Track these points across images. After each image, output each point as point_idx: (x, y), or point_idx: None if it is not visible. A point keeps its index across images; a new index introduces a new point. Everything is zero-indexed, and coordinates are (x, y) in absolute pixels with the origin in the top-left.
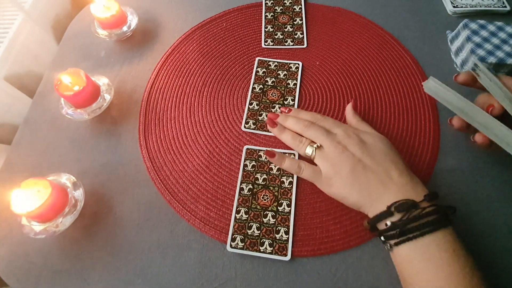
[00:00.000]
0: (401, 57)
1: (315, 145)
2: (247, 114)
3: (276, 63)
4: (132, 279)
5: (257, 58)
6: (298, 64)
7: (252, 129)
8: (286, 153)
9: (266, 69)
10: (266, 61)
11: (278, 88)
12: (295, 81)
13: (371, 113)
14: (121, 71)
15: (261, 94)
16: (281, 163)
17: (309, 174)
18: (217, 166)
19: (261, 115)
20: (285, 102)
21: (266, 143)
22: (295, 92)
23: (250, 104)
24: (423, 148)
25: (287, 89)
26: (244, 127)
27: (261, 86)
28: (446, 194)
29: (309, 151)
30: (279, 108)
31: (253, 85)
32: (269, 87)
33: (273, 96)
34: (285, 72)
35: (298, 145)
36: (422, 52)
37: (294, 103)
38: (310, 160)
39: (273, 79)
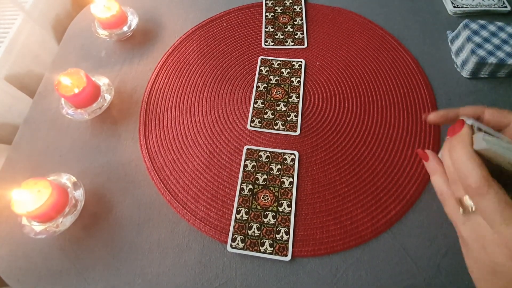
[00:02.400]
0: (401, 57)
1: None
2: (252, 113)
3: (279, 62)
4: (132, 279)
5: (260, 57)
6: (301, 62)
7: (258, 127)
8: (286, 153)
9: (269, 67)
10: (269, 59)
11: (282, 86)
12: (298, 79)
13: (371, 113)
14: (122, 71)
15: (266, 93)
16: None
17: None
18: (218, 166)
19: (266, 113)
20: (290, 100)
21: (266, 143)
22: (299, 90)
23: (255, 102)
24: (423, 148)
25: (291, 87)
26: (250, 125)
27: (265, 84)
28: None
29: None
30: (284, 106)
31: (257, 84)
32: (273, 85)
33: (277, 94)
34: (288, 70)
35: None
36: (422, 52)
37: (299, 100)
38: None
39: (277, 77)
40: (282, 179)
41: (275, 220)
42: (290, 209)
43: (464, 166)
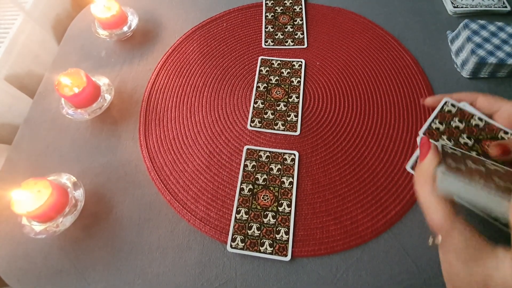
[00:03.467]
0: (401, 57)
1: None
2: (252, 113)
3: (279, 62)
4: (132, 279)
5: (260, 57)
6: (301, 62)
7: (258, 127)
8: (286, 153)
9: (269, 67)
10: (269, 60)
11: (282, 86)
12: (298, 79)
13: (371, 113)
14: (122, 71)
15: (266, 93)
16: None
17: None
18: (218, 166)
19: (266, 113)
20: (290, 100)
21: (266, 143)
22: (299, 90)
23: (255, 102)
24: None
25: (291, 87)
26: (250, 125)
27: (265, 84)
28: None
29: None
30: (284, 106)
31: (257, 84)
32: (273, 85)
33: (277, 94)
34: (289, 70)
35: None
36: (423, 52)
37: (299, 100)
38: None
39: (277, 77)
40: (282, 179)
41: (275, 220)
42: (290, 209)
43: (428, 203)
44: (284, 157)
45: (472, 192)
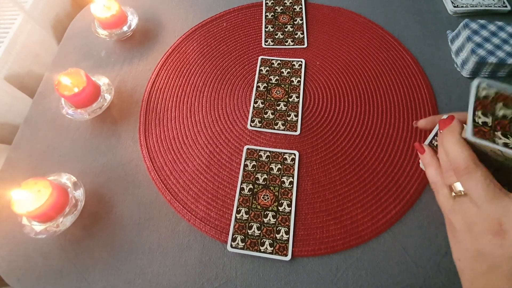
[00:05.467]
0: (402, 57)
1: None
2: (252, 112)
3: (279, 61)
4: (132, 279)
5: (260, 57)
6: (301, 62)
7: (258, 127)
8: (286, 153)
9: (269, 67)
10: (269, 59)
11: (282, 85)
12: (298, 78)
13: (371, 113)
14: (122, 71)
15: (266, 92)
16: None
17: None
18: (218, 166)
19: (266, 113)
20: (290, 100)
21: (266, 143)
22: (299, 89)
23: (255, 102)
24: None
25: (291, 87)
26: (250, 125)
27: (265, 84)
28: None
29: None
30: (284, 106)
31: (257, 83)
32: (273, 85)
33: (277, 94)
34: (289, 70)
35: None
36: (423, 52)
37: (299, 100)
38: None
39: (277, 77)
40: (282, 179)
41: (275, 220)
42: (290, 208)
43: (453, 150)
44: (284, 157)
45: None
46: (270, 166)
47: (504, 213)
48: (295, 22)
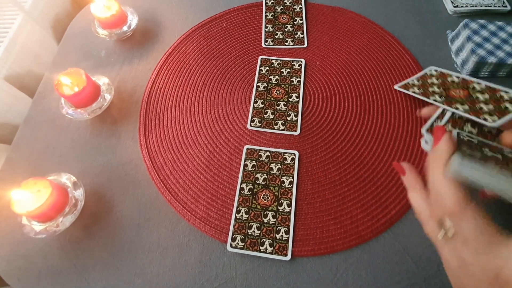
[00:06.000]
0: (401, 57)
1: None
2: (252, 112)
3: (279, 61)
4: (132, 278)
5: (260, 57)
6: (301, 62)
7: (258, 127)
8: (286, 153)
9: (269, 67)
10: (269, 59)
11: (282, 85)
12: (298, 78)
13: (371, 112)
14: (121, 70)
15: (266, 92)
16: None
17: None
18: (218, 166)
19: (266, 113)
20: (290, 100)
21: (266, 143)
22: (299, 89)
23: (255, 102)
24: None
25: (291, 86)
26: (250, 125)
27: (265, 84)
28: None
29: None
30: (284, 106)
31: (257, 83)
32: (273, 85)
33: (277, 93)
34: (288, 70)
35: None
36: (423, 52)
37: (299, 100)
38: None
39: (277, 77)
40: (282, 179)
41: (275, 220)
42: (290, 208)
43: (440, 186)
44: (284, 156)
45: (487, 177)
46: (270, 166)
47: (500, 266)
48: (295, 22)
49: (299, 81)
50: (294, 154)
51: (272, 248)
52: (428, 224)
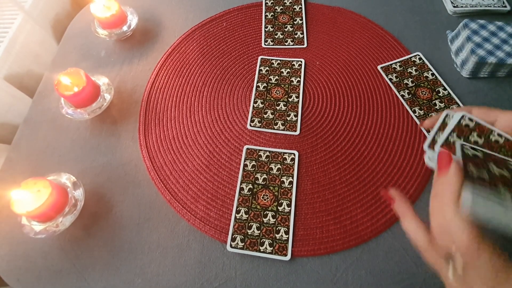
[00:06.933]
0: (401, 57)
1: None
2: (252, 112)
3: (279, 61)
4: (132, 278)
5: (259, 57)
6: (301, 62)
7: (258, 127)
8: (286, 153)
9: (269, 67)
10: (268, 59)
11: (282, 85)
12: (298, 78)
13: (371, 113)
14: (121, 70)
15: (265, 92)
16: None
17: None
18: (217, 166)
19: (266, 113)
20: (290, 100)
21: (266, 143)
22: (299, 89)
23: (255, 102)
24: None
25: (291, 86)
26: (250, 125)
27: (265, 84)
28: None
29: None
30: (284, 106)
31: (257, 83)
32: (273, 85)
33: (277, 93)
34: (288, 70)
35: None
36: (422, 52)
37: (298, 100)
38: None
39: (277, 77)
40: (282, 179)
41: (274, 220)
42: (289, 208)
43: (452, 223)
44: (284, 156)
45: (501, 215)
46: (270, 166)
47: None
48: (295, 22)
49: (299, 81)
50: (294, 154)
51: (272, 248)
52: (429, 253)
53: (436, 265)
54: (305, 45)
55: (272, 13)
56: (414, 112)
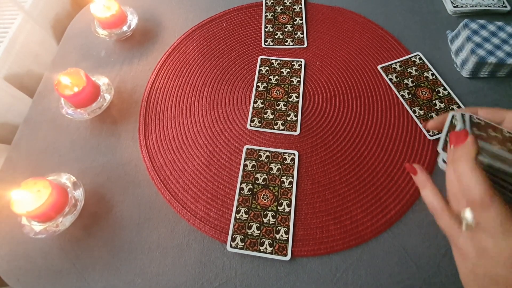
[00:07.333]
0: (401, 57)
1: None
2: (252, 112)
3: (278, 61)
4: (132, 279)
5: (259, 57)
6: (301, 62)
7: (258, 127)
8: (286, 153)
9: (269, 67)
10: (268, 59)
11: (282, 85)
12: (298, 78)
13: (371, 113)
14: (121, 70)
15: (265, 92)
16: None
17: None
18: (217, 166)
19: (266, 113)
20: (290, 100)
21: (266, 143)
22: (299, 89)
23: (255, 102)
24: (423, 148)
25: (291, 86)
26: (250, 125)
27: (265, 84)
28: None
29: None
30: (284, 106)
31: (257, 83)
32: (273, 85)
33: (277, 93)
34: (288, 70)
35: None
36: (422, 52)
37: (298, 100)
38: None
39: (277, 77)
40: (282, 179)
41: (274, 220)
42: (289, 208)
43: (468, 179)
44: (284, 156)
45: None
46: (270, 166)
47: None
48: (295, 22)
49: (299, 81)
50: (294, 154)
51: (272, 248)
52: (443, 217)
53: (448, 228)
54: (305, 45)
55: (272, 13)
56: (414, 112)
